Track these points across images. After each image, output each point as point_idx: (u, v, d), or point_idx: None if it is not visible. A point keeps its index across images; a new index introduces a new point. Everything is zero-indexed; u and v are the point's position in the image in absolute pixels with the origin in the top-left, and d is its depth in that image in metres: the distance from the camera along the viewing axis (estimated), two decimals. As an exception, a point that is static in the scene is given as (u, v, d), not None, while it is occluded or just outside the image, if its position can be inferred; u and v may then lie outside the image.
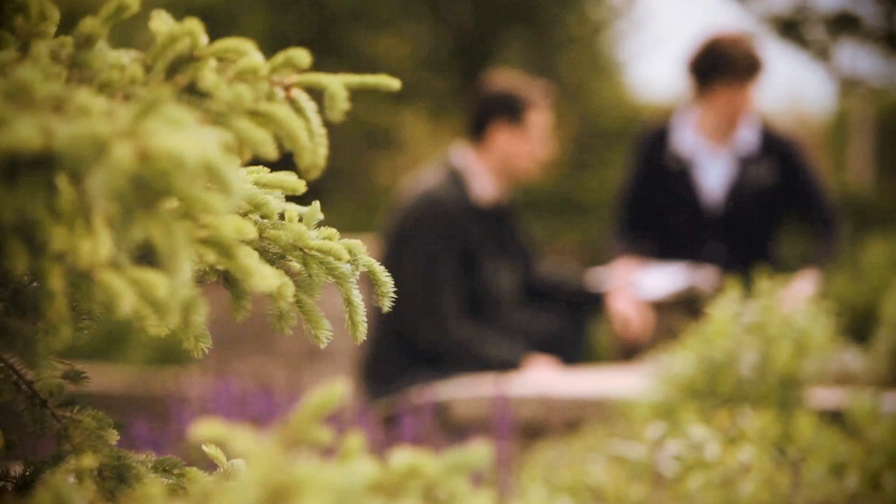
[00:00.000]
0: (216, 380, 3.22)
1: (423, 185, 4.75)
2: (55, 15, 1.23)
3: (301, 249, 1.29)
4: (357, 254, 1.33)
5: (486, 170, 4.77)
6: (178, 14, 1.24)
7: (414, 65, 14.70)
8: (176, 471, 1.32)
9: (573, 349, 4.95)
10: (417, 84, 14.93)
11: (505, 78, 4.86)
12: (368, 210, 13.19)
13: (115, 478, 1.22)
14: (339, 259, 1.30)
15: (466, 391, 3.97)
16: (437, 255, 4.64)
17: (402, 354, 4.69)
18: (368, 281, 1.39)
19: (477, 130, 4.78)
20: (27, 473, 1.30)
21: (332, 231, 1.32)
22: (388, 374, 4.68)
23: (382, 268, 1.36)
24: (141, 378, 7.55)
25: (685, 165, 5.04)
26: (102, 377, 7.16)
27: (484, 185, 4.76)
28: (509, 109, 4.75)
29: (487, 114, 4.76)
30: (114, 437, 1.27)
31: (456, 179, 4.73)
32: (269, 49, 1.22)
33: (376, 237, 5.12)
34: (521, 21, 14.18)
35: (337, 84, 1.24)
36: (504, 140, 4.75)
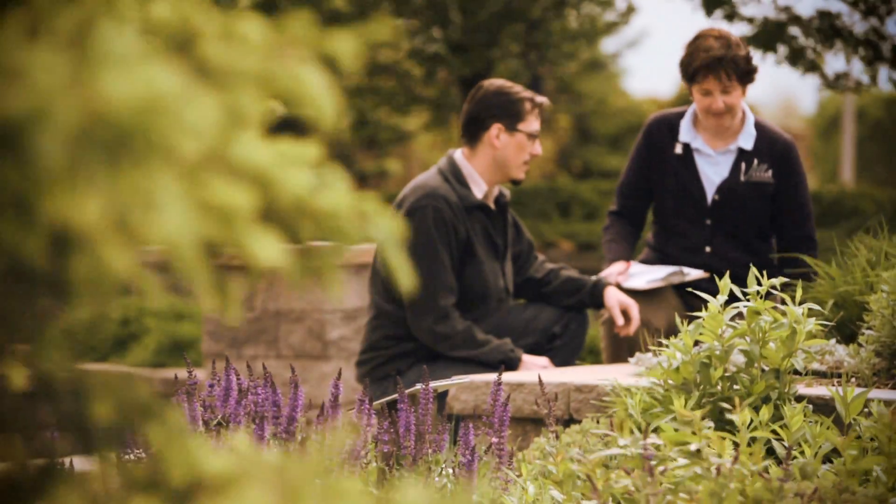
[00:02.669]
0: (220, 375, 3.28)
1: (420, 182, 4.82)
2: None
3: (308, 213, 1.17)
4: (372, 216, 1.18)
5: (481, 170, 4.83)
6: None
7: (412, 66, 14.74)
8: None
9: (571, 348, 4.99)
10: (417, 85, 14.97)
11: (501, 82, 4.91)
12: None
13: (140, 413, 1.14)
14: (348, 220, 1.17)
15: (464, 382, 4.04)
16: (435, 248, 4.70)
17: (400, 347, 4.76)
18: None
19: (473, 132, 4.84)
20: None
21: (342, 191, 1.19)
22: (386, 366, 4.75)
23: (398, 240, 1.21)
24: (141, 376, 7.60)
25: (687, 156, 5.03)
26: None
27: (480, 185, 4.82)
28: (505, 112, 4.81)
29: (483, 116, 4.82)
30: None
31: (453, 178, 4.79)
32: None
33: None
34: (516, 20, 14.21)
35: (346, 47, 1.14)
36: (499, 142, 4.80)
